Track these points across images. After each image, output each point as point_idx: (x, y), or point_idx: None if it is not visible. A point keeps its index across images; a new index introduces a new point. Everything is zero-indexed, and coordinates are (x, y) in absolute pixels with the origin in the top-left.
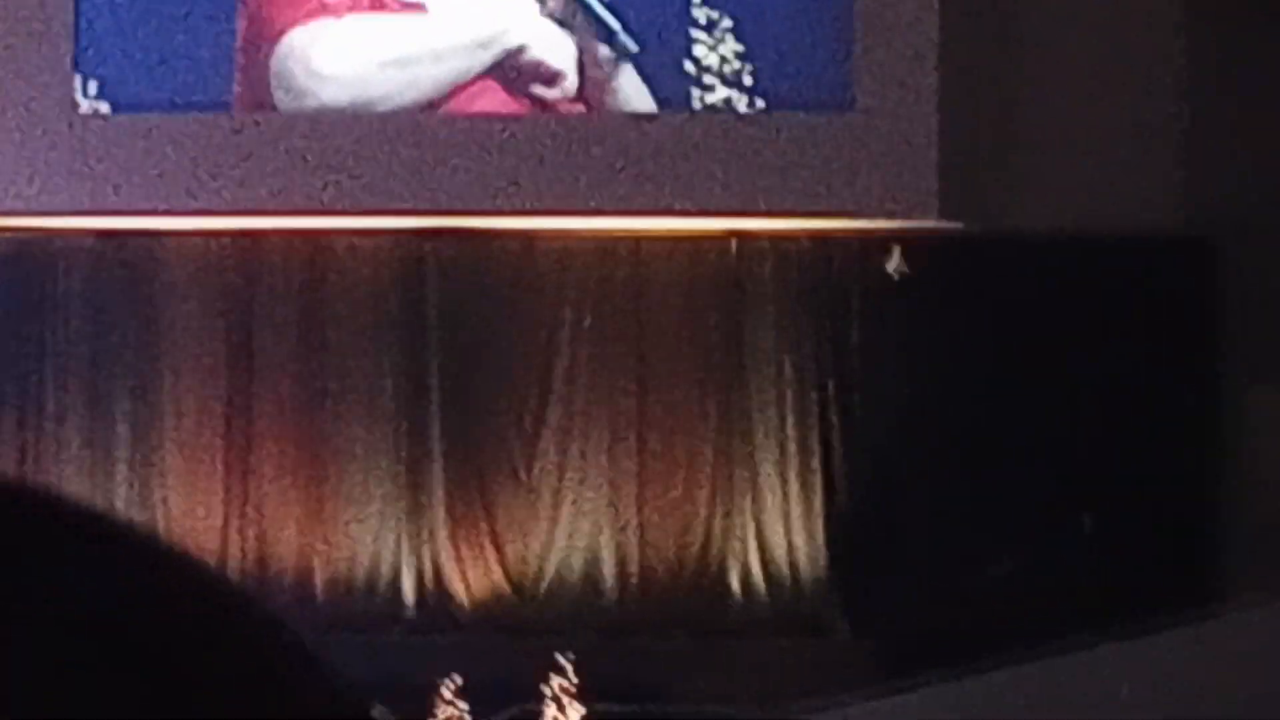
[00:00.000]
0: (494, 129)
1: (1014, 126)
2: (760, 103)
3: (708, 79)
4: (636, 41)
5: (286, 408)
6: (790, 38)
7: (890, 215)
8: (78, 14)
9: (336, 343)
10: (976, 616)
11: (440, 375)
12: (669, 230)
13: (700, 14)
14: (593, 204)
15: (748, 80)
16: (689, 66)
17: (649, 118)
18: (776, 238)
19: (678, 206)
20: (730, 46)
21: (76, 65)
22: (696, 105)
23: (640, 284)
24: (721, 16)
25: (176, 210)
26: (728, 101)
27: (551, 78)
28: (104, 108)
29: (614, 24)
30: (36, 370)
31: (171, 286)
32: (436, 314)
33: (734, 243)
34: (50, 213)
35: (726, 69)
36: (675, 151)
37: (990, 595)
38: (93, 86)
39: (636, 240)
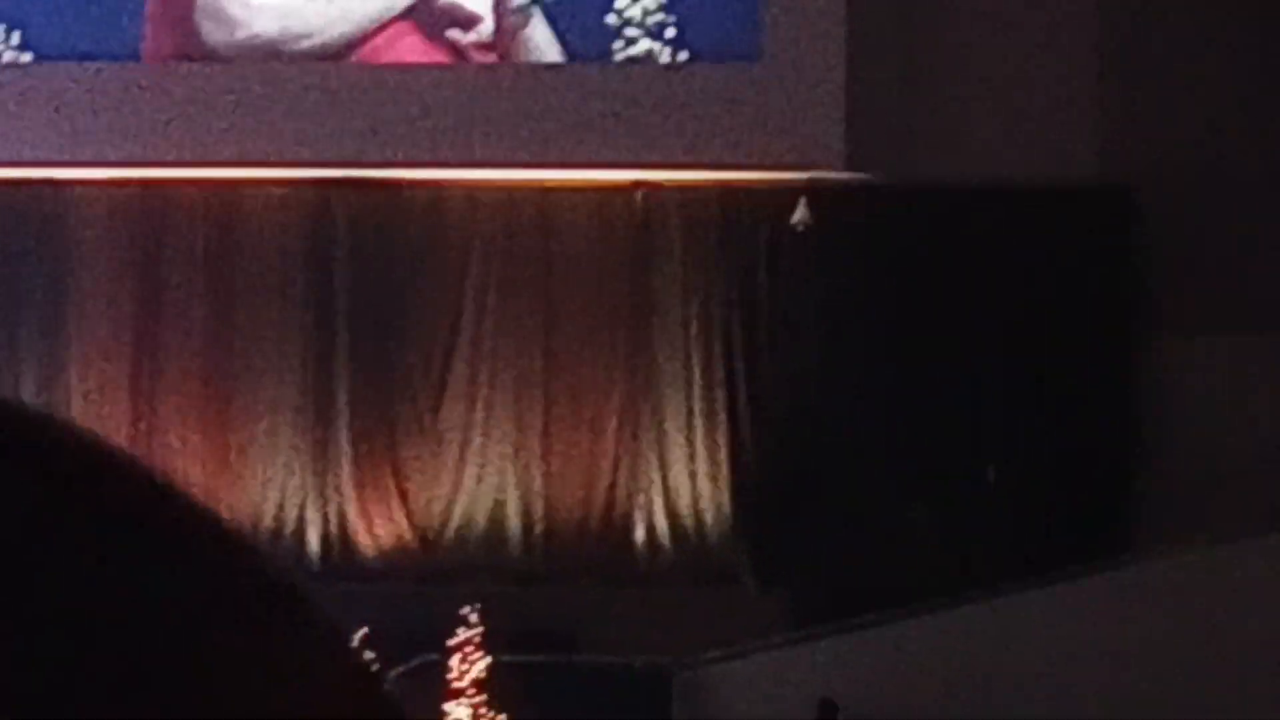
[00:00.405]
0: (404, 79)
1: (926, 77)
2: (683, 55)
3: (630, 31)
4: None
5: (193, 357)
6: None
7: (797, 166)
8: None
9: (244, 292)
10: (884, 567)
11: (347, 324)
12: (575, 180)
13: None
14: (501, 155)
15: (670, 33)
16: (610, 19)
17: (557, 69)
18: (682, 188)
19: (585, 158)
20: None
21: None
22: (618, 58)
23: (547, 235)
24: None
25: (86, 161)
26: (649, 54)
27: (467, 21)
28: (25, 57)
29: None
30: None
31: (80, 235)
32: (344, 264)
33: (640, 194)
34: None
35: (649, 21)
36: (584, 104)
37: (898, 546)
38: (15, 37)
39: (543, 191)
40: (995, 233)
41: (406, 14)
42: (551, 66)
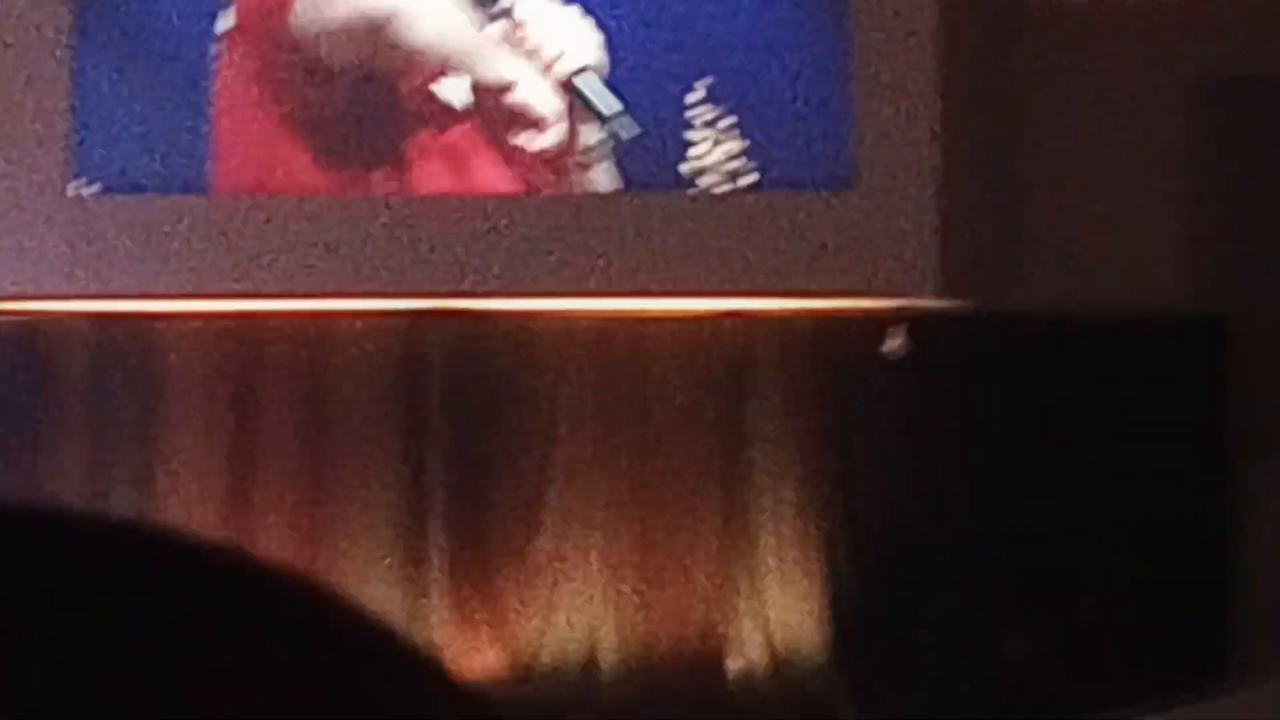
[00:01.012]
0: (490, 208)
1: (1018, 203)
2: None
3: (706, 177)
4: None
5: (285, 491)
6: (789, 118)
7: (890, 294)
8: (74, 96)
9: (335, 424)
10: (984, 698)
11: (440, 456)
12: (668, 310)
13: (700, 111)
14: (593, 285)
15: (746, 165)
16: (685, 168)
17: (648, 198)
18: (775, 317)
19: (677, 287)
20: (732, 145)
21: (71, 148)
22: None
23: (640, 365)
24: (723, 114)
25: (170, 293)
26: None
27: (536, 124)
28: (93, 190)
29: (616, 105)
30: (33, 458)
31: (170, 370)
32: (436, 395)
33: (732, 323)
34: (45, 296)
35: (727, 167)
36: (674, 232)
37: (998, 677)
38: (84, 169)
39: (636, 321)
40: (1088, 359)
41: (467, 115)
42: (642, 195)
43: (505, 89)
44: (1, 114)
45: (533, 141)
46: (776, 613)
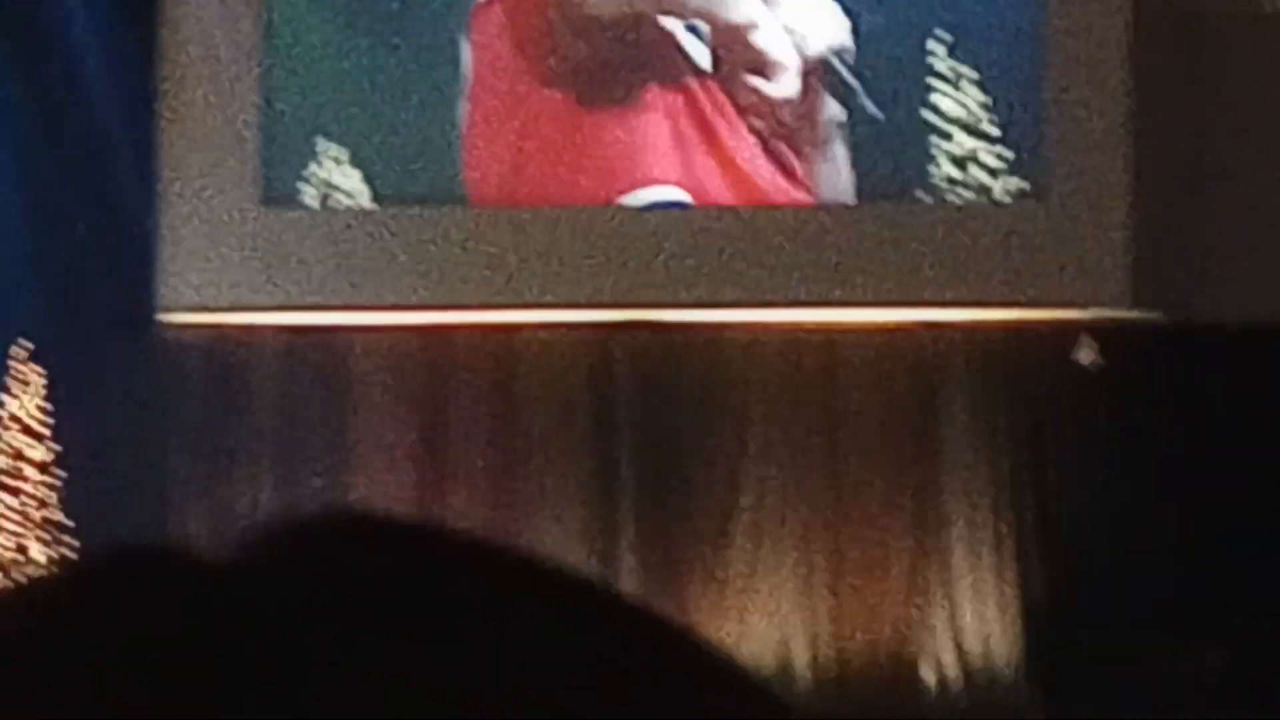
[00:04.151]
0: (677, 220)
1: (1212, 213)
2: (1016, 186)
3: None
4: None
5: (475, 504)
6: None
7: (1083, 305)
8: (265, 103)
9: (525, 437)
10: (1181, 709)
11: (630, 467)
12: (859, 322)
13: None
14: (782, 296)
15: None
16: (935, 164)
17: (840, 208)
18: (968, 328)
19: (868, 299)
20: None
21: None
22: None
23: (831, 376)
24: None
25: (365, 305)
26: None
27: (772, 67)
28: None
29: (857, 86)
30: (229, 467)
31: (362, 381)
32: (626, 407)
33: (925, 335)
34: (241, 308)
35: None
36: (867, 243)
37: (1195, 687)
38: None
39: (827, 332)
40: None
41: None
42: (830, 205)
43: (747, 30)
44: (196, 128)
45: (768, 87)
46: (970, 622)
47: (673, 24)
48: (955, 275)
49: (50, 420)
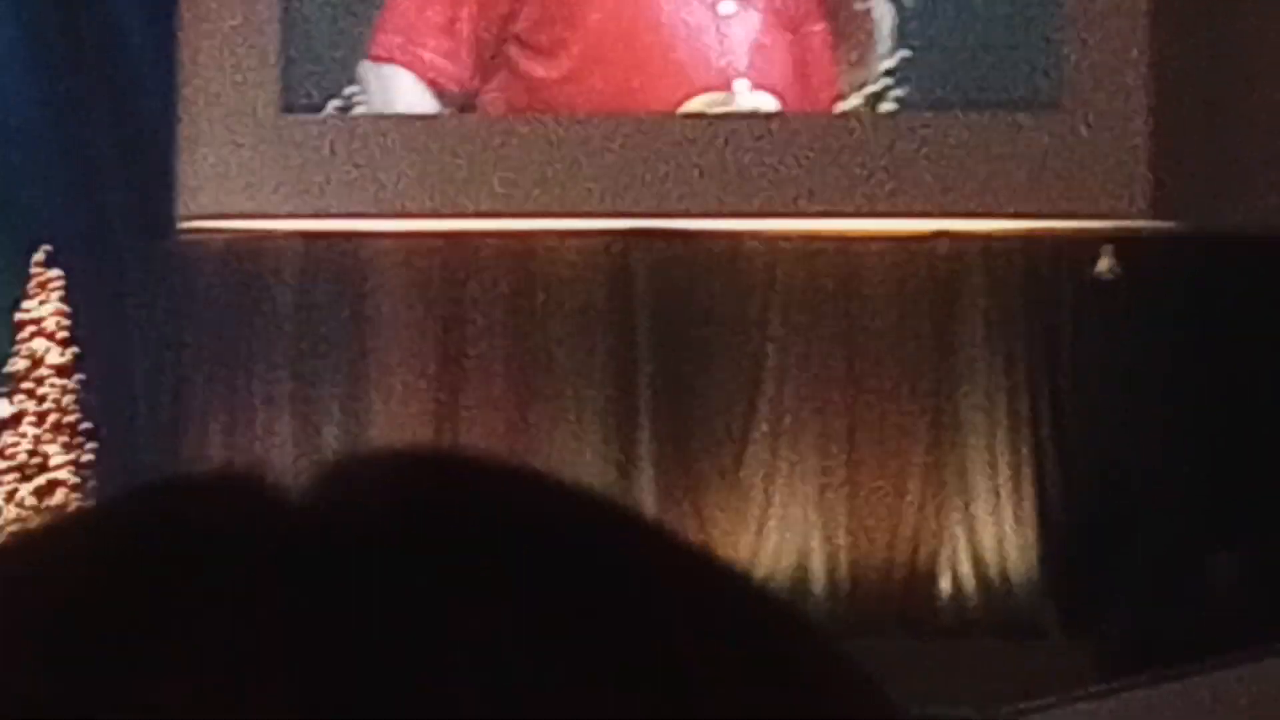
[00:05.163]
0: (695, 129)
1: (1232, 123)
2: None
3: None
4: None
5: (493, 411)
6: (998, 37)
7: (1101, 215)
8: (285, 12)
9: (543, 345)
10: (1194, 617)
11: (648, 376)
12: (876, 231)
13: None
14: (799, 205)
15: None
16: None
17: (855, 117)
18: (985, 237)
19: (885, 208)
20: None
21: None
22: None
23: (848, 285)
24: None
25: (384, 213)
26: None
27: None
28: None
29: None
30: (246, 373)
31: (380, 290)
32: (644, 315)
33: (942, 243)
34: (259, 215)
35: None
36: (882, 152)
37: (1208, 595)
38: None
39: (844, 240)
40: None
41: None
42: (849, 115)
43: None
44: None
45: None
46: (986, 533)
47: None
48: (974, 186)
49: (69, 324)
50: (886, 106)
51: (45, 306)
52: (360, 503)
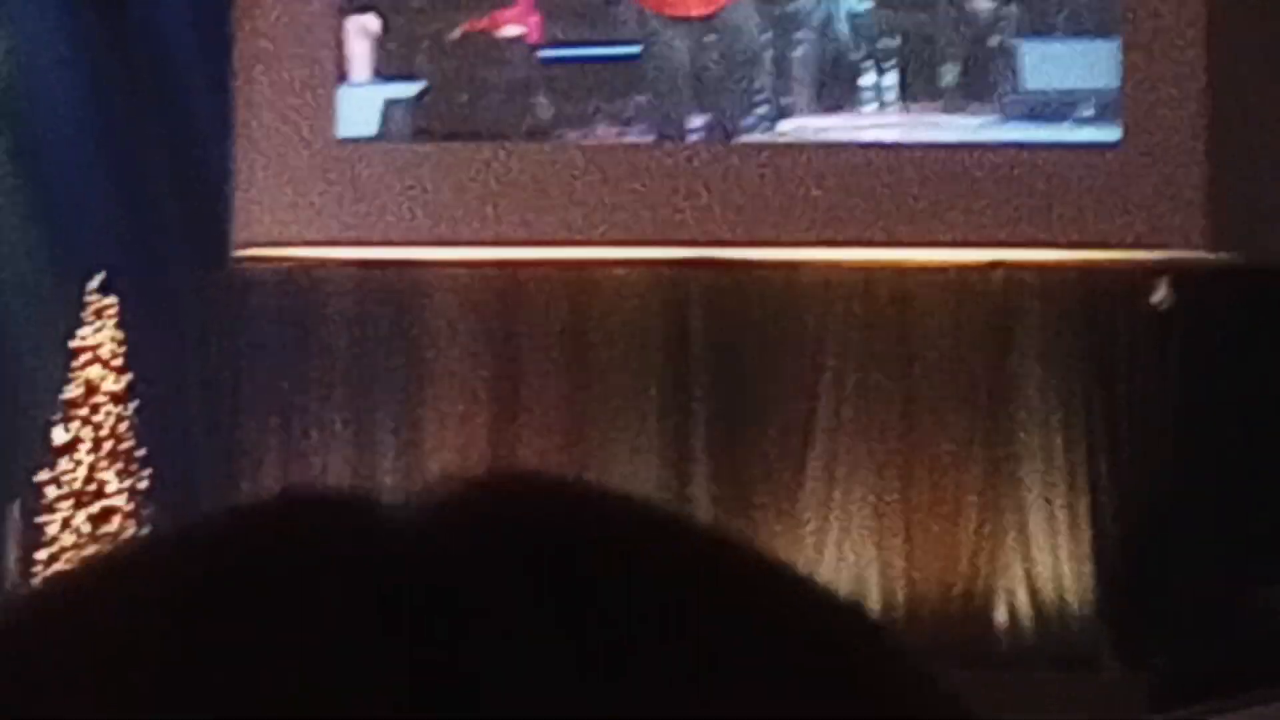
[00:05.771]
0: (753, 158)
1: None
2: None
3: None
4: None
5: (549, 440)
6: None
7: (1158, 246)
8: (340, 40)
9: (598, 374)
10: (1251, 649)
11: (704, 406)
12: (933, 260)
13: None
14: (857, 235)
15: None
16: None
17: (914, 148)
18: (1042, 268)
19: (942, 238)
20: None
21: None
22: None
23: (904, 315)
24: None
25: (439, 241)
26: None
27: None
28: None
29: None
30: (301, 400)
31: (435, 318)
32: (699, 345)
33: (999, 274)
34: (314, 243)
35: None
36: (940, 183)
37: (1263, 628)
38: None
39: (901, 271)
40: None
41: None
42: (908, 146)
43: None
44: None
45: None
46: (1041, 563)
47: None
48: (1031, 216)
49: (124, 351)
50: None
51: (100, 333)
52: (470, 526)
